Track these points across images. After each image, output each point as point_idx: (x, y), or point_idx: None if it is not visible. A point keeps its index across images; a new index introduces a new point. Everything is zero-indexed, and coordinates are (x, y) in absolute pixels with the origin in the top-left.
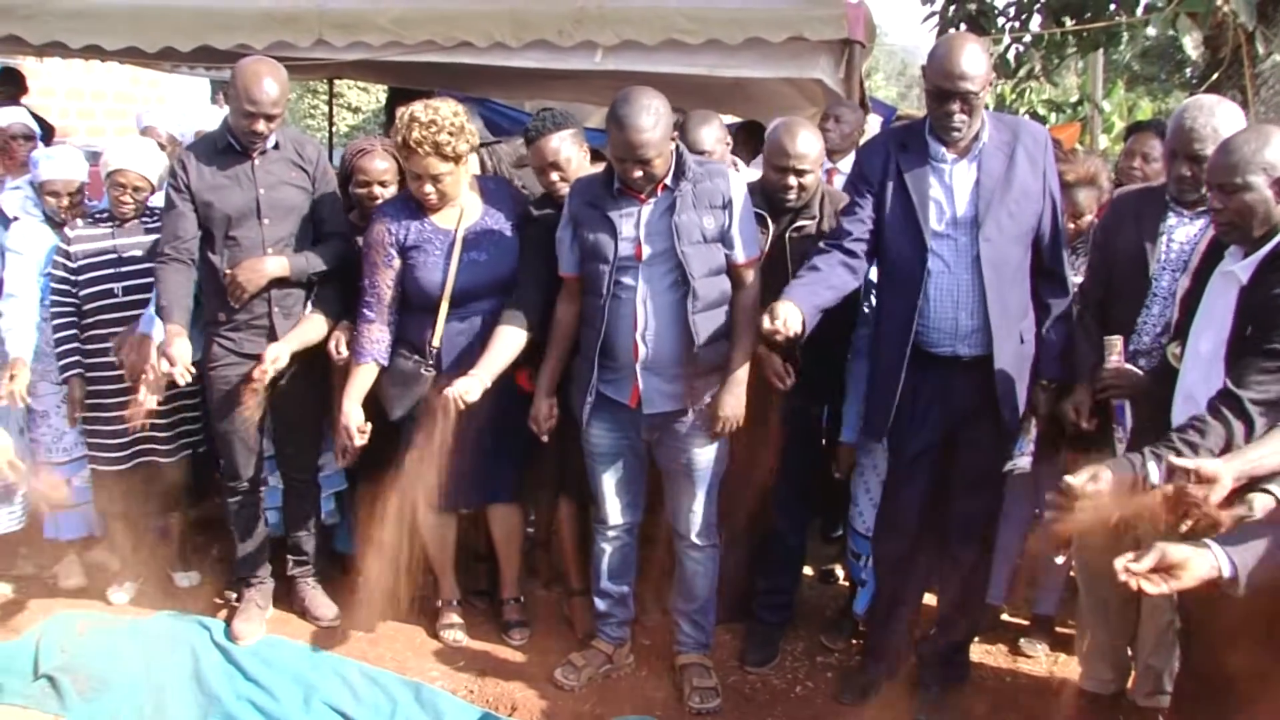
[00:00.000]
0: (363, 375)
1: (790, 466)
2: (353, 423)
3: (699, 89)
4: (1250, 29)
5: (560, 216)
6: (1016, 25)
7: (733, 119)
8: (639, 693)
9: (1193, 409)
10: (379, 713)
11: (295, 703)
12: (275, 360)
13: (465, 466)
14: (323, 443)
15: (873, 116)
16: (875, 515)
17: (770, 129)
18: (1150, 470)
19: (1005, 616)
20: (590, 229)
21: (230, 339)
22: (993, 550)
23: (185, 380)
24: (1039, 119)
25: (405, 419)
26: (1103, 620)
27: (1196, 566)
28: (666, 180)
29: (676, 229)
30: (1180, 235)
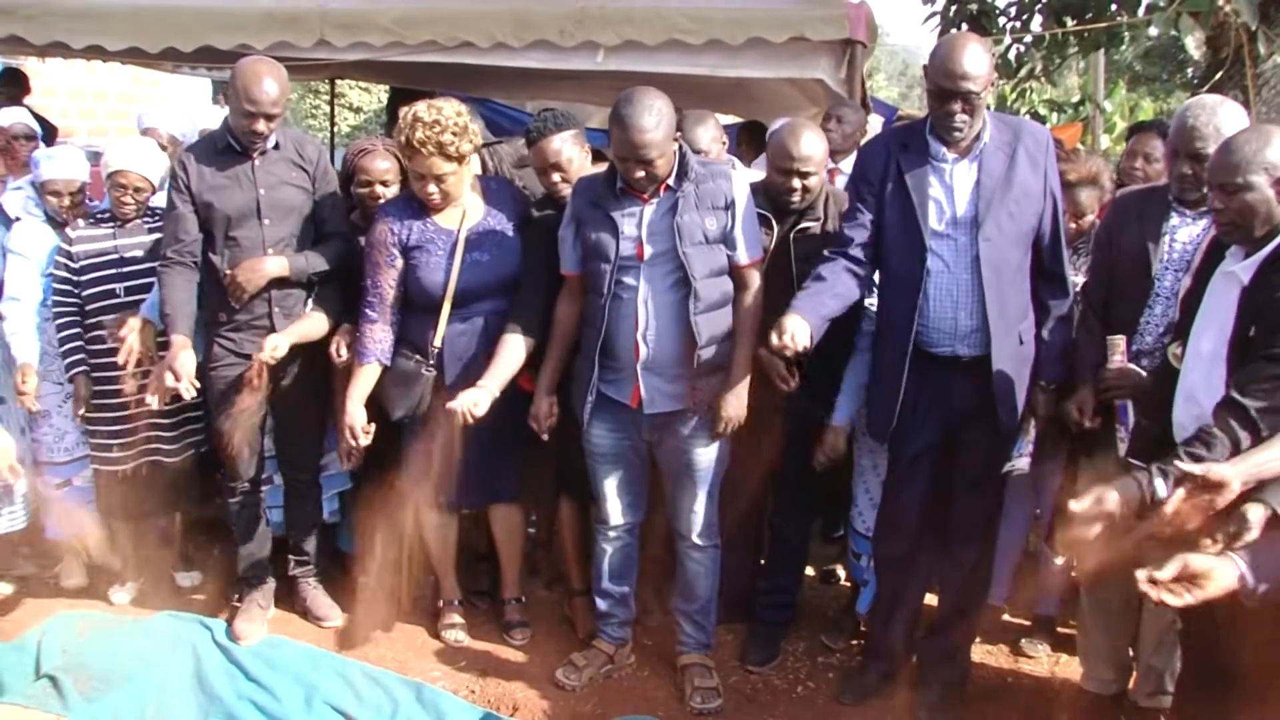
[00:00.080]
0: (365, 375)
1: (792, 467)
2: (356, 423)
3: (700, 89)
4: (1252, 29)
5: (561, 217)
6: (1018, 25)
7: (734, 119)
8: (640, 693)
9: (1194, 409)
10: (380, 713)
11: (297, 703)
12: (275, 349)
13: (467, 467)
14: (325, 442)
15: (874, 117)
16: (875, 516)
17: (773, 131)
18: (1157, 486)
19: (1006, 617)
20: (592, 228)
21: (231, 339)
22: (993, 550)
23: (190, 395)
24: (1040, 119)
25: (406, 419)
26: (1104, 621)
27: (1221, 576)
28: (669, 180)
29: (678, 229)
30: (1183, 235)
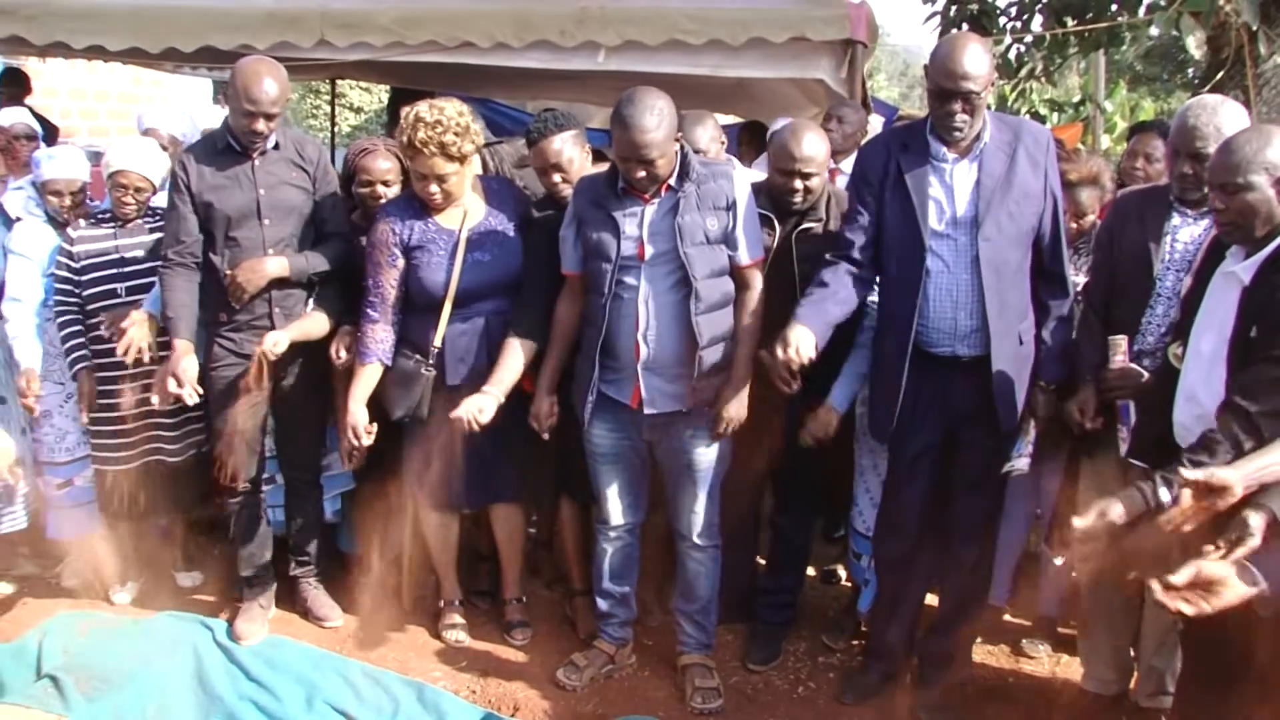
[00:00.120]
0: (367, 375)
1: (793, 467)
2: (359, 423)
3: (701, 89)
4: (1253, 29)
5: (562, 218)
6: (1018, 25)
7: (735, 119)
8: (641, 693)
9: (1194, 409)
10: (381, 713)
11: (298, 703)
12: (275, 344)
13: (467, 467)
14: (326, 442)
15: (875, 117)
16: (876, 515)
17: (775, 132)
18: (1161, 494)
19: (1007, 617)
20: (594, 227)
21: (231, 339)
22: (993, 550)
23: (194, 401)
24: (1040, 119)
25: (406, 419)
26: (1105, 621)
27: (1237, 584)
28: (671, 181)
29: (680, 230)
30: (1184, 235)
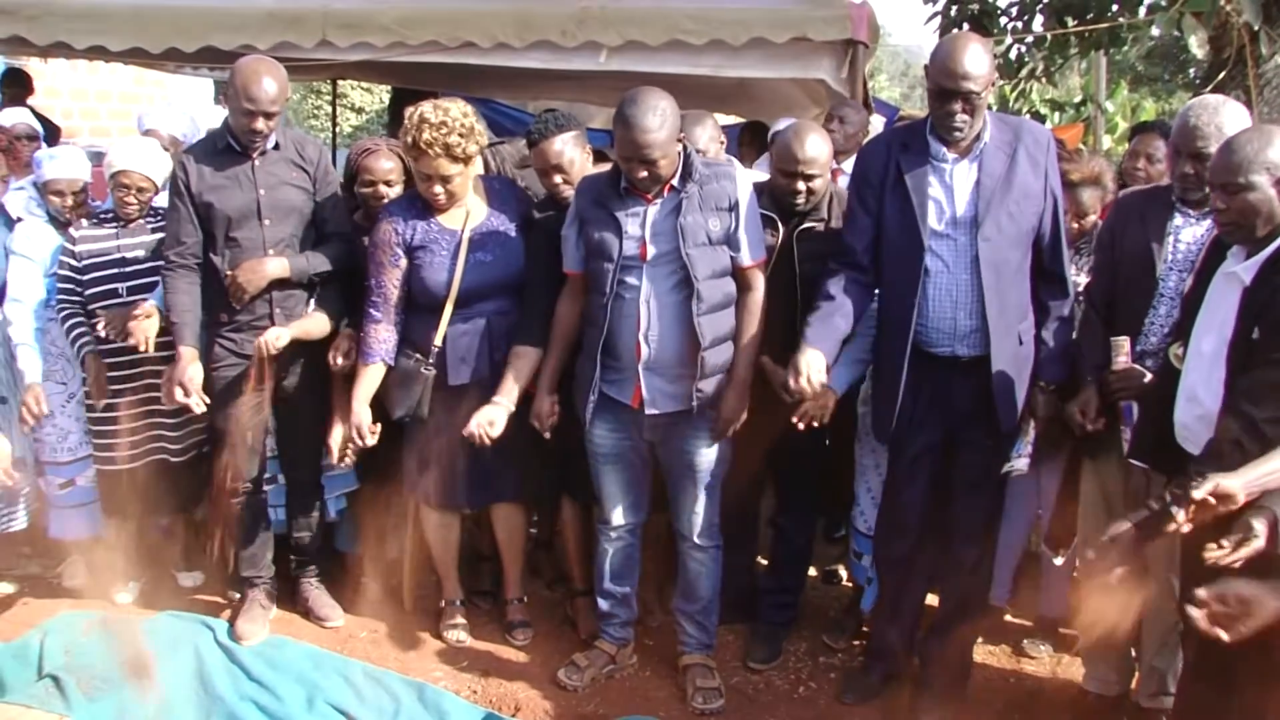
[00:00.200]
0: (371, 375)
1: (795, 467)
2: (363, 423)
3: (702, 89)
4: (1255, 29)
5: (563, 218)
6: (1019, 26)
7: (737, 119)
8: (642, 693)
9: (1195, 409)
10: (382, 713)
11: (299, 703)
12: (277, 339)
13: (468, 466)
14: (327, 442)
15: (876, 117)
16: (876, 515)
17: (778, 133)
18: (1176, 514)
19: (1008, 617)
20: (596, 227)
21: (232, 340)
22: (994, 550)
23: (201, 409)
24: (1041, 119)
25: (407, 418)
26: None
27: (1269, 601)
28: (673, 181)
29: (682, 230)
30: (1187, 235)
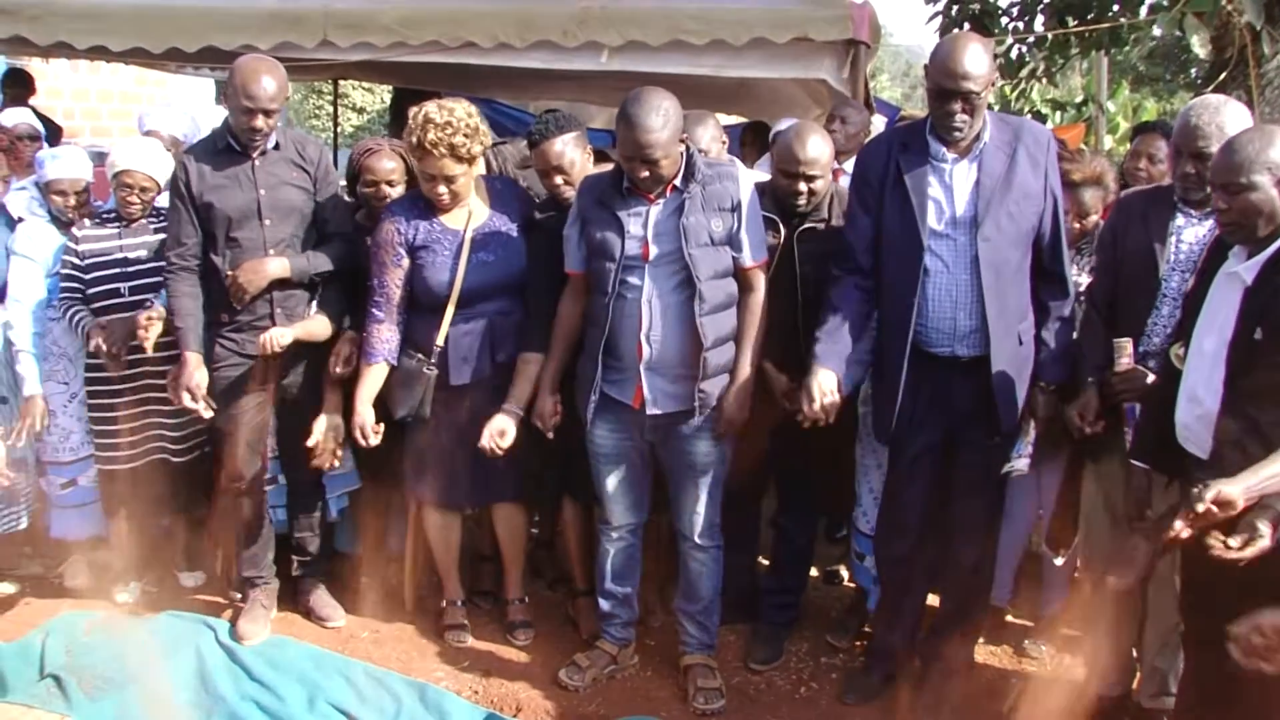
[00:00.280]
0: (374, 375)
1: (796, 467)
2: (366, 423)
3: (704, 89)
4: (1257, 28)
5: (564, 220)
6: (1020, 26)
7: (738, 119)
8: (643, 693)
9: (1196, 409)
10: (384, 713)
11: (300, 703)
12: (280, 337)
13: (470, 466)
14: None
15: (877, 117)
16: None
17: (779, 134)
18: (1176, 524)
19: (1009, 618)
20: (598, 227)
21: (233, 340)
22: (995, 551)
23: (209, 415)
24: (1042, 119)
25: (409, 418)
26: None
27: None
28: (676, 181)
29: (684, 231)
30: (1189, 236)
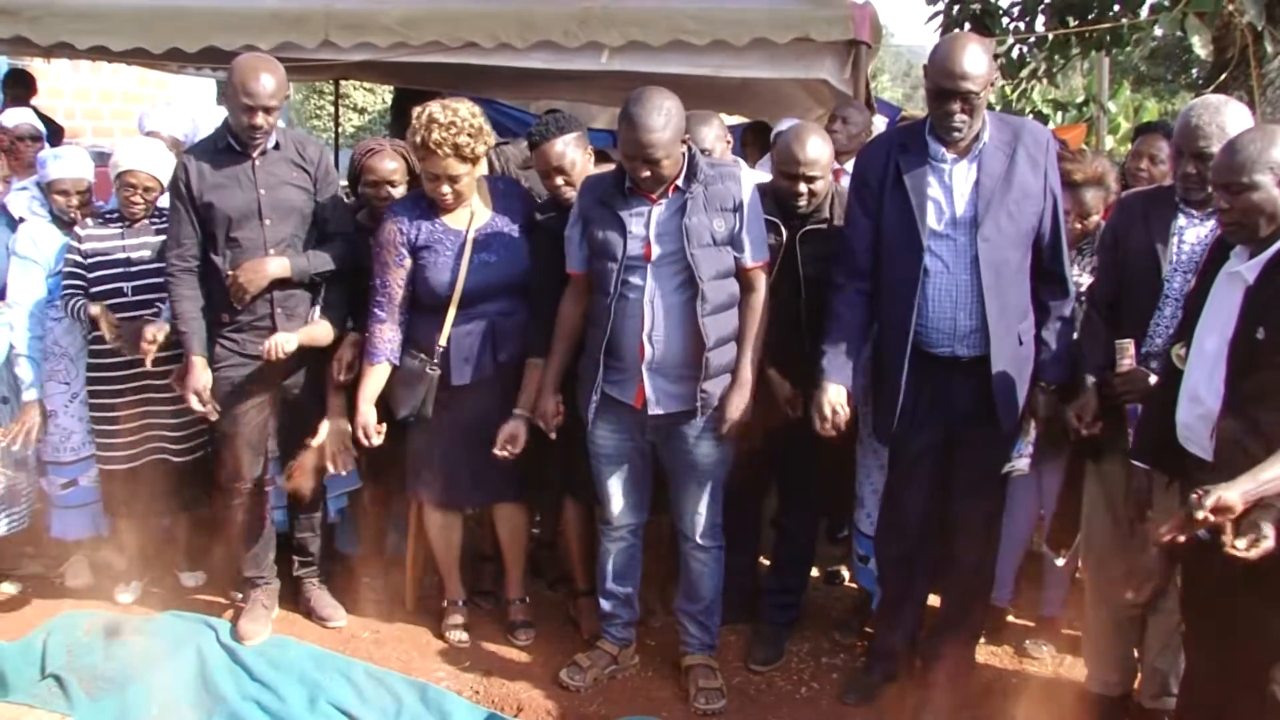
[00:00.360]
0: (376, 375)
1: (797, 467)
2: (369, 423)
3: (705, 90)
4: (1258, 29)
5: (565, 220)
6: (1021, 26)
7: (740, 119)
8: (644, 693)
9: (1197, 409)
10: (384, 713)
11: (301, 703)
12: (286, 343)
13: (471, 466)
14: None
15: (878, 118)
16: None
17: (779, 134)
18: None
19: (1010, 618)
20: (600, 227)
21: (233, 340)
22: (996, 551)
23: (215, 417)
24: (1043, 119)
25: (411, 418)
26: (1109, 622)
27: None
28: (678, 181)
29: (687, 231)
30: (1191, 236)
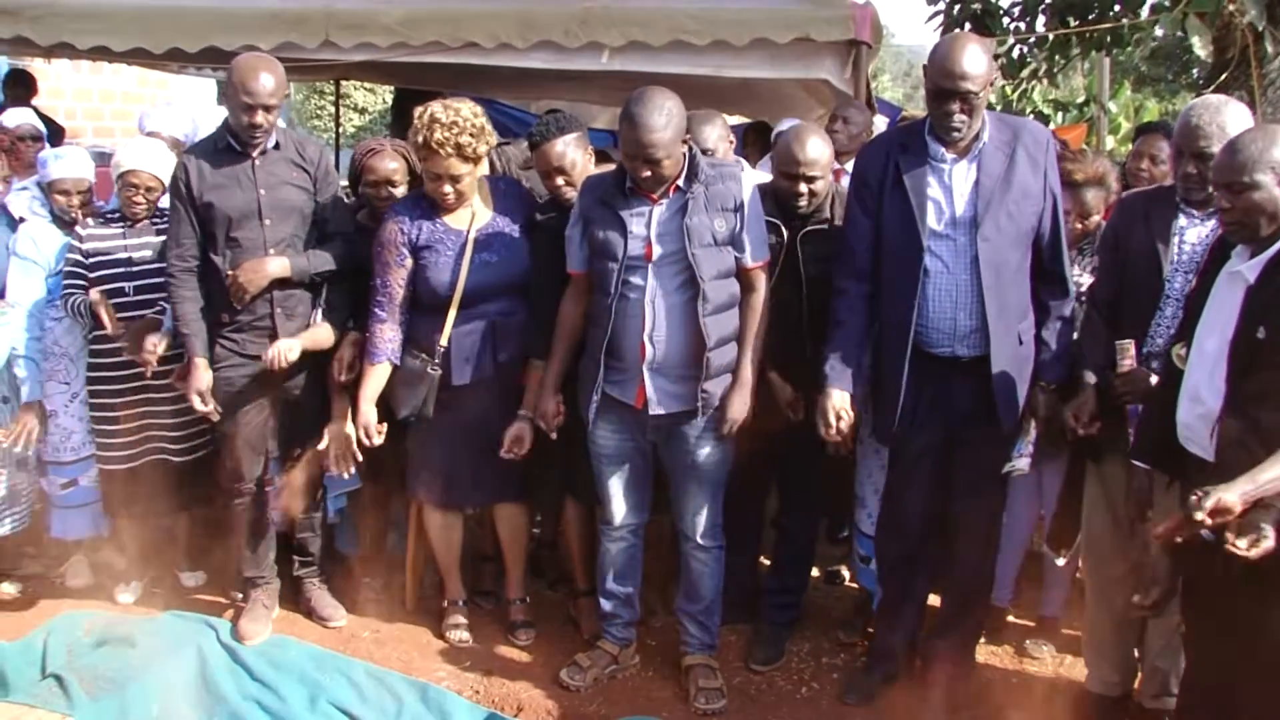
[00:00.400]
0: (377, 375)
1: (798, 467)
2: (370, 422)
3: (706, 90)
4: (1259, 29)
5: (566, 221)
6: (1021, 26)
7: (741, 119)
8: (644, 693)
9: (1197, 408)
10: (385, 713)
11: (301, 703)
12: (289, 350)
13: (471, 466)
14: None
15: (878, 117)
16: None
17: (780, 134)
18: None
19: (1011, 618)
20: (600, 226)
21: (233, 340)
22: (996, 551)
23: (217, 418)
24: (1044, 119)
25: (411, 418)
26: (1109, 622)
27: None
28: (679, 181)
29: (688, 231)
30: (1192, 236)
